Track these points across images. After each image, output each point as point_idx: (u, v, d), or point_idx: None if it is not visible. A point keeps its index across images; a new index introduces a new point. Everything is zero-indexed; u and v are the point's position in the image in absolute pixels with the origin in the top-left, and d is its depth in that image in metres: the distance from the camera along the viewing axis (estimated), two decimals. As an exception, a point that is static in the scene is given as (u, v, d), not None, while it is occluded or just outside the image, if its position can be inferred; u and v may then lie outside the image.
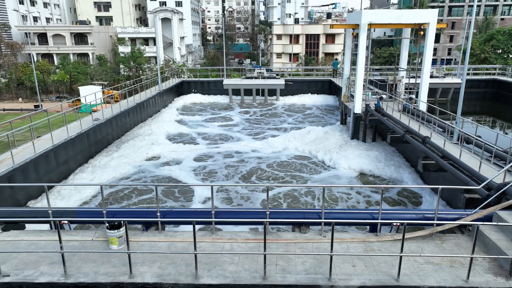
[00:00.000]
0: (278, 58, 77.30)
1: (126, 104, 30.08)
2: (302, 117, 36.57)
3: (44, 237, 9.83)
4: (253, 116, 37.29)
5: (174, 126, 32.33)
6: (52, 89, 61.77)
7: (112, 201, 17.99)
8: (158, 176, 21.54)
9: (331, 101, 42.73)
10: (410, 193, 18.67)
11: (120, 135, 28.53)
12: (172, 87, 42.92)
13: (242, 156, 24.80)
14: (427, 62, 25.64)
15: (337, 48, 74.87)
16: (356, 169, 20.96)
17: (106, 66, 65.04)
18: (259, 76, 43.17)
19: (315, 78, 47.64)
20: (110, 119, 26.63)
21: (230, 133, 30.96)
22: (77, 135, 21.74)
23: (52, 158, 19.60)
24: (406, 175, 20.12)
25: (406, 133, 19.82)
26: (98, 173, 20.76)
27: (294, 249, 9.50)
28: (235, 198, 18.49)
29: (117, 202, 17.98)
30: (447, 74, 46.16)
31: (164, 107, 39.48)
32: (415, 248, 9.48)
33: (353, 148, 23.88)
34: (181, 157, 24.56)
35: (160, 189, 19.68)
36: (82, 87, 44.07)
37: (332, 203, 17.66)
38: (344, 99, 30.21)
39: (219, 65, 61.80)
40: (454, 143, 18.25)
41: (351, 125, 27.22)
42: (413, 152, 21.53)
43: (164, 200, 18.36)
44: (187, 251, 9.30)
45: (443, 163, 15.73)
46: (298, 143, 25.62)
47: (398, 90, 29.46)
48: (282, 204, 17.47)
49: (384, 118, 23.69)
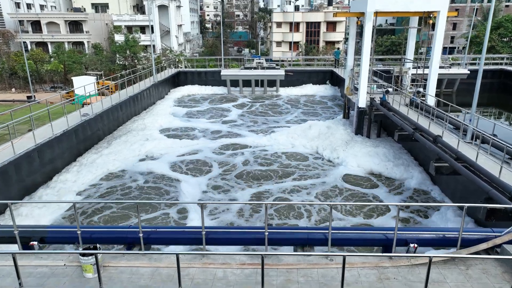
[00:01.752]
0: (278, 47, 75.43)
1: (118, 98, 28.61)
2: (303, 110, 35.12)
3: (7, 262, 8.54)
4: (252, 108, 35.84)
5: (169, 120, 30.91)
6: (46, 79, 60.18)
7: (91, 212, 16.40)
8: (150, 176, 20.19)
9: (332, 93, 41.22)
10: (422, 198, 17.35)
11: (112, 129, 27.14)
12: (168, 78, 41.35)
13: (242, 154, 23.39)
14: (437, 53, 24.13)
15: (338, 36, 73.01)
16: (366, 170, 19.68)
17: (102, 55, 63.26)
18: (258, 66, 41.57)
19: (316, 68, 46.02)
20: (101, 113, 25.21)
21: (228, 127, 29.55)
22: (63, 133, 20.35)
23: (36, 158, 18.26)
24: (416, 174, 18.82)
25: (415, 131, 18.45)
26: (83, 173, 19.43)
27: (296, 276, 8.24)
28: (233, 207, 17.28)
29: (96, 213, 16.35)
30: (452, 64, 44.54)
31: (159, 99, 37.99)
32: (436, 276, 8.21)
33: (360, 145, 22.56)
34: (176, 154, 23.20)
35: (151, 189, 18.42)
36: (75, 78, 42.41)
37: (339, 213, 16.43)
38: (347, 92, 28.76)
39: (218, 53, 59.95)
40: (468, 142, 16.94)
41: (355, 120, 25.83)
42: (421, 150, 20.21)
43: (151, 209, 17.08)
44: (173, 279, 8.06)
45: (458, 167, 14.40)
46: (304, 140, 24.22)
47: (404, 82, 27.99)
48: (283, 217, 16.26)
49: (391, 113, 22.30)
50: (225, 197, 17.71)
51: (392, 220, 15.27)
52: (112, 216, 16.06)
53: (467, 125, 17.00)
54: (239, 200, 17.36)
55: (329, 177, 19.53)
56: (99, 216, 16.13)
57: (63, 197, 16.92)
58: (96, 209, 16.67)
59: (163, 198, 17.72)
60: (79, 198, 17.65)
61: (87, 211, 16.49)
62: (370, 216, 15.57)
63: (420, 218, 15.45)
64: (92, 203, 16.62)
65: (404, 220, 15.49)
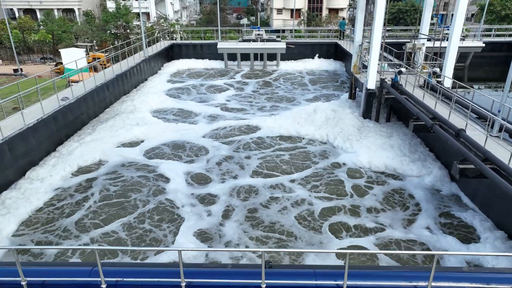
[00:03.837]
0: (278, 14, 71.68)
1: (103, 77, 26.17)
2: (307, 88, 32.72)
3: None
4: (251, 85, 33.40)
5: (161, 99, 28.54)
6: (35, 50, 57.17)
7: (54, 227, 13.81)
8: (134, 169, 18.22)
9: (337, 68, 38.62)
10: (451, 216, 14.88)
11: (98, 112, 24.93)
12: (161, 51, 38.59)
13: (245, 140, 21.29)
14: (458, 23, 21.15)
15: (342, 3, 69.17)
16: (379, 167, 17.69)
17: (93, 24, 59.88)
18: (258, 38, 38.72)
19: (319, 40, 43.07)
20: (85, 96, 22.93)
21: (226, 108, 27.31)
22: (38, 122, 18.19)
23: (6, 152, 16.21)
24: (436, 171, 16.82)
25: (434, 122, 16.30)
26: (58, 167, 17.38)
27: None
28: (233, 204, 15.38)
29: (59, 228, 13.72)
30: (465, 36, 41.60)
31: (152, 75, 35.47)
32: None
33: (373, 134, 20.43)
34: (166, 141, 21.14)
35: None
36: (63, 50, 39.62)
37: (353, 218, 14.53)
38: (355, 70, 26.31)
39: (216, 21, 56.41)
40: (495, 136, 14.87)
41: (363, 102, 23.57)
42: (437, 141, 18.14)
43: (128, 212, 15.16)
44: None
45: (489, 172, 12.37)
46: (311, 127, 22.07)
47: (417, 60, 25.50)
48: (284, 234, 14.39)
49: (403, 97, 20.05)
50: (225, 198, 15.86)
51: (424, 231, 13.39)
52: (82, 228, 13.87)
53: (496, 117, 14.82)
54: (235, 204, 15.49)
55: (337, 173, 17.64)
56: (62, 232, 13.53)
57: (28, 200, 14.92)
58: (60, 221, 14.29)
59: (148, 202, 15.79)
60: (47, 197, 15.58)
61: (52, 220, 14.62)
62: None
63: (457, 241, 12.83)
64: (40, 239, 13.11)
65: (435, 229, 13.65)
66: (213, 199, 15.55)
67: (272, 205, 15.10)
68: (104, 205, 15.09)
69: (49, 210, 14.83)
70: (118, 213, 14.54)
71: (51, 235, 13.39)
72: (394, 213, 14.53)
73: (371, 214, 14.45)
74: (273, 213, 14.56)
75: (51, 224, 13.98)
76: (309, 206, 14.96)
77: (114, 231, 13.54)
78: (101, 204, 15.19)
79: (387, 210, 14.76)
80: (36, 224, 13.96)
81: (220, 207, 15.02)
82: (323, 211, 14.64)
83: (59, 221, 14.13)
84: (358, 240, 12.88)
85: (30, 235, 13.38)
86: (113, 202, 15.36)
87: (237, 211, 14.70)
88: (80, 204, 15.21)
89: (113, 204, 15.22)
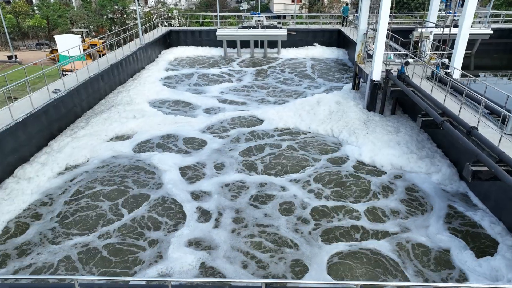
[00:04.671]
0: (279, -1, 69.98)
1: (97, 67, 25.16)
2: (309, 76, 31.70)
3: None
4: (250, 75, 32.36)
5: (158, 89, 27.57)
6: (30, 35, 55.83)
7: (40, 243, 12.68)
8: (129, 167, 17.44)
9: (340, 56, 37.47)
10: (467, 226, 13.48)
11: (92, 104, 24.02)
12: (159, 38, 37.38)
13: (246, 133, 20.54)
14: (470, 8, 20.13)
15: (345, -13, 67.39)
16: (386, 166, 16.89)
17: (89, 8, 58.37)
18: (258, 25, 37.49)
19: (321, 27, 41.72)
20: (77, 87, 22.01)
21: (226, 98, 26.38)
22: (27, 116, 17.33)
23: (-6, 149, 15.44)
24: (444, 169, 16.04)
25: (444, 118, 15.44)
26: (47, 165, 16.58)
27: None
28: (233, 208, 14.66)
29: (27, 247, 12.38)
30: (472, 23, 40.24)
31: (148, 63, 34.39)
32: None
33: (380, 129, 19.54)
34: (162, 134, 20.34)
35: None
36: (58, 36, 38.41)
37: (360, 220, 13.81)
38: (359, 60, 25.29)
39: (216, 4, 54.89)
40: (509, 134, 14.05)
41: (367, 94, 22.66)
42: (446, 137, 17.31)
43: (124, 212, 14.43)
44: None
45: (504, 176, 11.58)
46: (314, 122, 21.22)
47: (424, 49, 24.47)
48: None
49: (410, 90, 19.16)
50: (225, 197, 15.13)
51: (435, 235, 12.61)
52: (63, 235, 12.93)
53: (511, 114, 13.97)
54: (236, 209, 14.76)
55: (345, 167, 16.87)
56: (41, 241, 12.44)
57: (13, 203, 14.14)
58: (41, 226, 13.28)
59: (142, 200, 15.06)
60: (32, 198, 14.81)
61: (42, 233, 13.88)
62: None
63: (471, 253, 11.74)
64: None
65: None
66: (208, 197, 14.82)
67: (272, 203, 14.39)
68: (90, 206, 14.31)
69: (33, 213, 14.01)
70: (110, 218, 13.82)
71: (27, 246, 12.36)
72: (404, 216, 13.81)
73: (383, 217, 13.73)
74: (273, 213, 13.85)
75: (33, 230, 13.06)
76: (313, 205, 14.24)
77: (102, 235, 12.76)
78: (87, 210, 14.27)
79: (401, 212, 14.02)
80: (16, 230, 13.10)
81: (219, 207, 14.30)
82: (334, 209, 13.93)
83: (42, 225, 13.25)
84: (364, 243, 12.21)
85: (9, 244, 12.43)
86: (99, 204, 14.49)
87: (236, 211, 13.99)
88: (68, 204, 14.46)
89: (99, 207, 14.34)
